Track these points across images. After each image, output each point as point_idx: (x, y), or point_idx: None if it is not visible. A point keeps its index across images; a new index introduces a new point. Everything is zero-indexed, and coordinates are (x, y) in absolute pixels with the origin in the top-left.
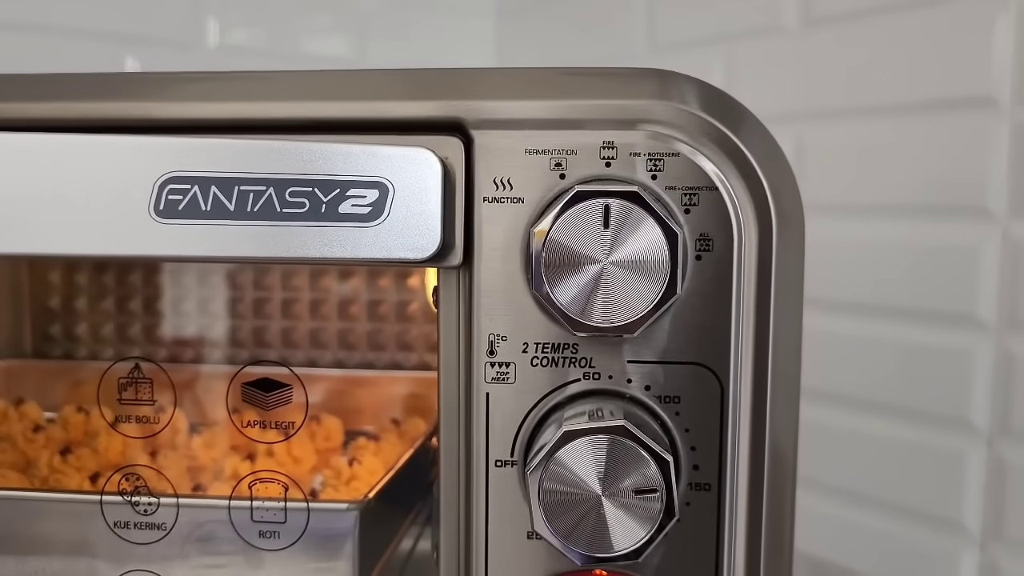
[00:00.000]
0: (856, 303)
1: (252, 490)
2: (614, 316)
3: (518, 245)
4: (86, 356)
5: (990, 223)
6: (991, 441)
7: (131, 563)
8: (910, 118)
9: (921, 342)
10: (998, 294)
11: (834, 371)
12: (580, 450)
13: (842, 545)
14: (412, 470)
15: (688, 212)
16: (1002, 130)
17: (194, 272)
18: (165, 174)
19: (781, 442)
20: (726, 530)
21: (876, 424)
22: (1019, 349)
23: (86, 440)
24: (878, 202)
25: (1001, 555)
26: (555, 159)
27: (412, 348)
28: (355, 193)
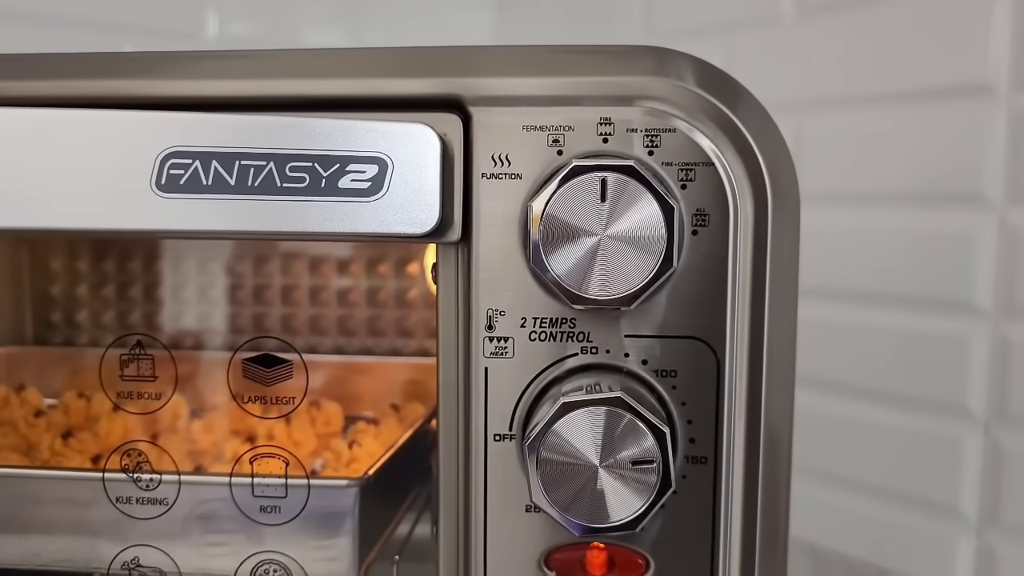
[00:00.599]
0: (853, 291)
1: (253, 465)
2: (611, 289)
3: (516, 221)
4: (86, 343)
5: (987, 210)
6: (988, 427)
7: (133, 539)
8: (907, 106)
9: (918, 329)
10: (995, 281)
11: (831, 359)
12: (578, 422)
13: (840, 532)
14: (411, 451)
15: (684, 188)
16: (999, 117)
17: (194, 259)
18: (167, 149)
19: (777, 415)
20: (722, 502)
21: (873, 411)
22: (1016, 335)
23: (87, 425)
24: (875, 190)
25: (997, 540)
26: (553, 135)
27: (411, 335)
28: (355, 168)
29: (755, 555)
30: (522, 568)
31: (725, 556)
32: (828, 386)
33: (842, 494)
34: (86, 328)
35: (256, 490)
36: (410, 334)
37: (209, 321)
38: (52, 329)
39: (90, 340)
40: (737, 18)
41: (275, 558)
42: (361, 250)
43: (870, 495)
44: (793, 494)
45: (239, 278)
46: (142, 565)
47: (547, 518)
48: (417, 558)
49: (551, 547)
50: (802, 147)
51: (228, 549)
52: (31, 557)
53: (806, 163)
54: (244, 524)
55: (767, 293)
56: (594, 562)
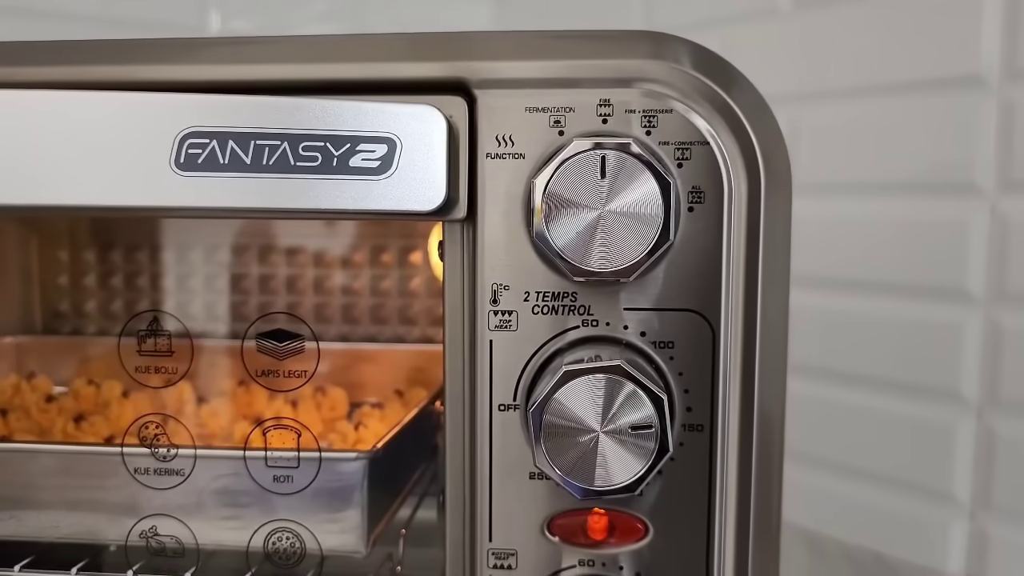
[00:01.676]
0: (848, 279)
1: (267, 437)
2: (611, 262)
3: (519, 198)
4: (95, 332)
5: (979, 199)
6: (980, 413)
7: (150, 509)
8: (901, 98)
9: (912, 316)
10: (987, 268)
11: (827, 346)
12: (579, 389)
13: (835, 517)
14: (417, 430)
15: (680, 166)
16: (990, 108)
17: (200, 249)
18: (185, 129)
19: (770, 384)
20: (718, 468)
21: (868, 398)
22: (1007, 321)
23: (98, 410)
24: (870, 180)
25: (990, 524)
26: (554, 116)
27: (415, 322)
28: (365, 148)
29: (750, 519)
30: (526, 533)
31: (721, 520)
32: (823, 373)
33: (837, 480)
34: (94, 317)
35: (269, 461)
36: (413, 322)
37: (215, 310)
38: (60, 319)
39: (98, 329)
40: (736, 12)
41: (288, 526)
42: (365, 240)
43: (865, 481)
44: (788, 481)
45: (245, 267)
46: (159, 534)
47: (550, 485)
48: (422, 543)
49: (554, 513)
50: (798, 138)
51: (242, 518)
52: (50, 530)
53: (802, 154)
54: (258, 496)
55: (760, 267)
56: (595, 527)
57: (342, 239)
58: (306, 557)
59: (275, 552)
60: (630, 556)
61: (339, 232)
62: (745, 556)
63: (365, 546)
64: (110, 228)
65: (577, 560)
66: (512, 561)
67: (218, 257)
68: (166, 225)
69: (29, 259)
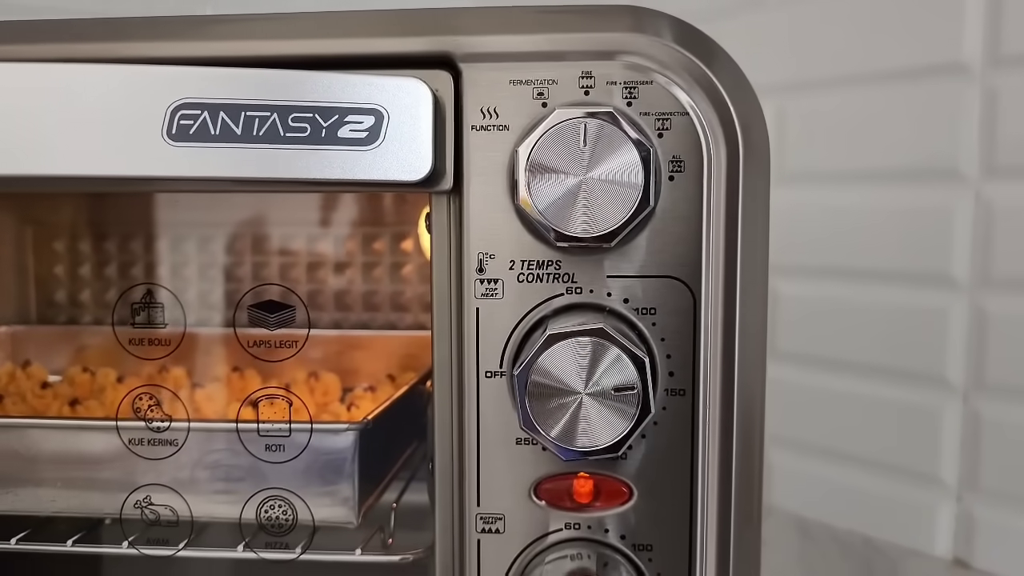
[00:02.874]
0: (833, 266)
1: (259, 407)
2: (593, 227)
3: (504, 169)
4: (89, 322)
5: (963, 185)
6: (966, 396)
7: (144, 479)
8: (885, 86)
9: (898, 302)
10: (971, 253)
11: (813, 333)
12: (564, 352)
13: (824, 503)
14: (409, 407)
15: (661, 136)
16: (973, 95)
17: (194, 239)
18: (177, 100)
19: (751, 348)
20: (700, 432)
21: (855, 384)
22: (992, 306)
23: (93, 395)
24: (855, 168)
25: (977, 506)
26: (538, 88)
27: (407, 309)
28: (352, 119)
29: (732, 480)
30: (513, 498)
31: (704, 482)
32: (810, 360)
33: (825, 465)
34: (89, 307)
35: (261, 431)
36: (406, 308)
37: (210, 298)
38: (55, 308)
39: (93, 319)
40: (722, 3)
41: (280, 495)
42: (358, 227)
43: (853, 466)
44: (777, 467)
45: (238, 256)
46: (154, 504)
47: (537, 450)
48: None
49: (540, 477)
50: (784, 128)
51: (235, 488)
52: (46, 504)
53: (788, 143)
54: (250, 464)
55: (740, 235)
56: (581, 491)
57: (334, 228)
58: (298, 527)
59: (268, 521)
60: (615, 519)
61: (331, 220)
62: (727, 516)
63: (356, 517)
64: (104, 218)
65: (563, 523)
66: (500, 525)
67: (212, 246)
68: (160, 215)
69: (24, 249)
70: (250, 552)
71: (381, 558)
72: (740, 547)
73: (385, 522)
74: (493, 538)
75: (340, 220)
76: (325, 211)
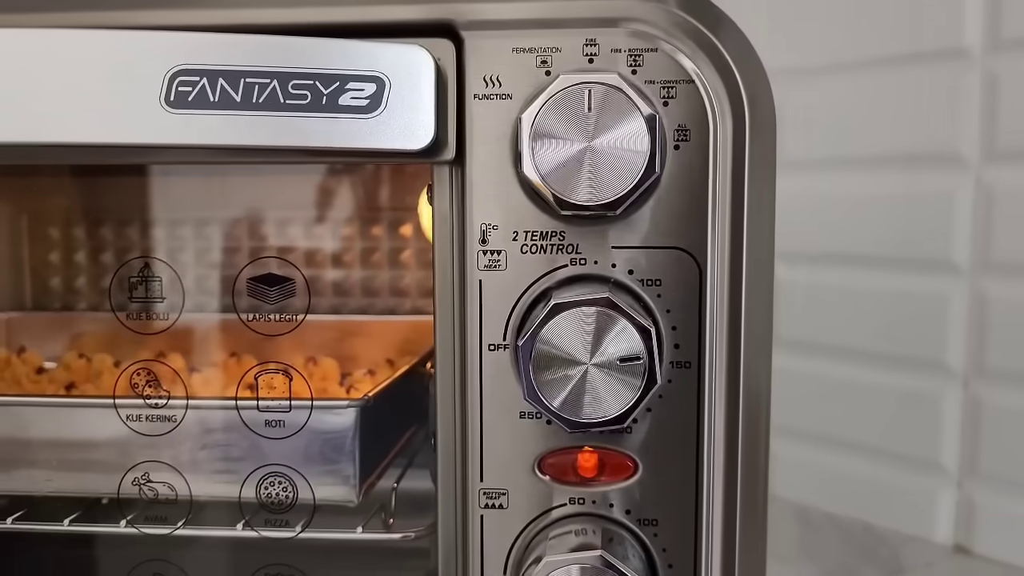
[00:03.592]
0: (834, 253)
1: (258, 381)
2: (598, 195)
3: (507, 138)
4: (85, 308)
5: (963, 170)
6: (967, 382)
7: (142, 456)
8: (886, 72)
9: (899, 289)
10: (972, 238)
11: (813, 320)
12: (568, 322)
13: (825, 490)
14: (409, 389)
15: (666, 104)
16: (974, 79)
17: (191, 224)
18: (175, 67)
19: (756, 319)
20: (706, 404)
21: (856, 371)
22: (992, 291)
23: (89, 380)
24: (855, 154)
25: (977, 491)
26: (541, 57)
27: (406, 295)
28: (354, 87)
29: (738, 453)
30: (517, 473)
31: (710, 456)
32: (811, 347)
33: (826, 453)
34: (84, 294)
35: (261, 407)
36: (405, 294)
37: (207, 283)
38: (50, 295)
39: (89, 306)
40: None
41: (280, 471)
42: (357, 211)
43: (854, 453)
44: (779, 455)
45: (235, 241)
46: (152, 481)
47: (540, 424)
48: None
49: (544, 452)
50: (784, 115)
51: (235, 466)
52: (42, 484)
53: (788, 130)
54: (250, 440)
55: (745, 205)
56: (585, 465)
57: (334, 211)
58: (298, 506)
59: (268, 499)
60: (620, 494)
61: (331, 204)
62: (734, 490)
63: (357, 495)
64: (100, 204)
65: (568, 498)
66: (503, 500)
67: (208, 231)
68: (156, 200)
69: (19, 236)
70: (250, 530)
71: (382, 536)
72: (746, 521)
73: (386, 503)
74: (496, 514)
75: (338, 204)
76: (323, 195)
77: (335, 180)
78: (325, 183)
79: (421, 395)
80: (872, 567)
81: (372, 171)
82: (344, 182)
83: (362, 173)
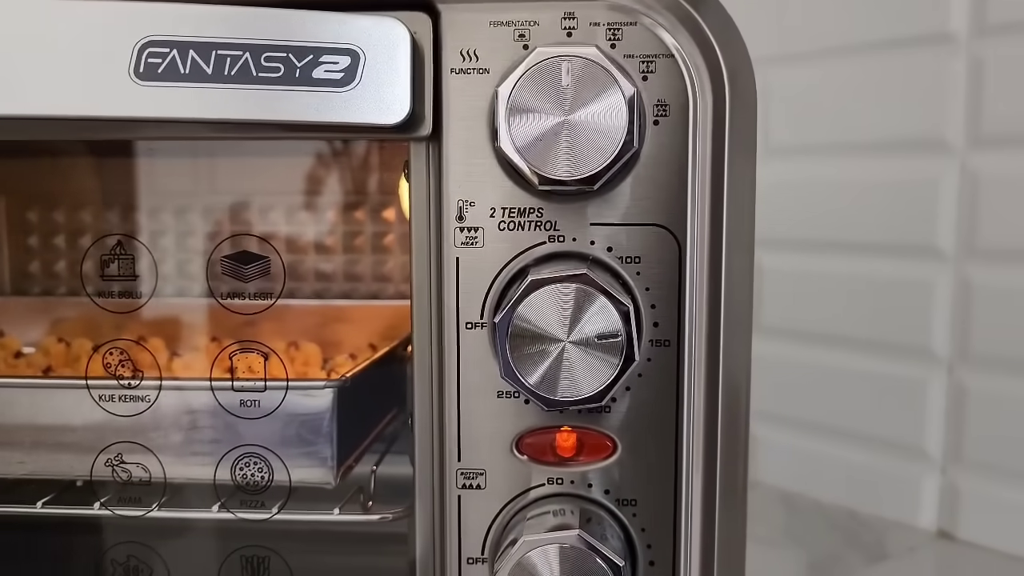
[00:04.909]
0: (817, 240)
1: (233, 361)
2: (576, 170)
3: (484, 113)
4: (65, 293)
5: (949, 156)
6: (951, 368)
7: (115, 436)
8: (871, 58)
9: (883, 274)
10: (956, 224)
11: (798, 307)
12: (546, 298)
13: (810, 477)
14: (389, 372)
15: (646, 79)
16: (959, 65)
17: (171, 209)
18: (145, 38)
19: (737, 298)
20: (686, 383)
21: (841, 357)
22: (977, 277)
23: (67, 364)
24: (840, 141)
25: (961, 477)
26: (519, 30)
27: (389, 279)
28: (328, 60)
29: (717, 433)
30: (495, 453)
31: (689, 435)
32: (795, 335)
33: (812, 440)
34: (64, 278)
35: (236, 387)
36: (387, 279)
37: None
38: (30, 279)
39: (68, 290)
40: None
41: (255, 451)
42: (339, 195)
43: (839, 440)
44: (763, 442)
45: (218, 226)
46: (125, 462)
47: (519, 403)
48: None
49: (522, 431)
50: (769, 103)
51: (210, 446)
52: (15, 467)
53: (773, 118)
54: (225, 420)
55: (725, 181)
56: (564, 445)
57: (316, 197)
58: (275, 488)
59: (243, 480)
60: (599, 473)
61: (313, 190)
62: (713, 470)
63: (334, 478)
64: (80, 188)
65: (546, 478)
66: (481, 481)
67: (189, 216)
68: (137, 184)
69: None
70: (225, 512)
71: (359, 518)
72: (726, 500)
73: (365, 486)
74: (474, 494)
75: (320, 188)
76: (305, 177)
77: (317, 163)
78: (307, 165)
79: (401, 378)
80: (856, 552)
81: (357, 154)
82: (327, 165)
83: (348, 156)
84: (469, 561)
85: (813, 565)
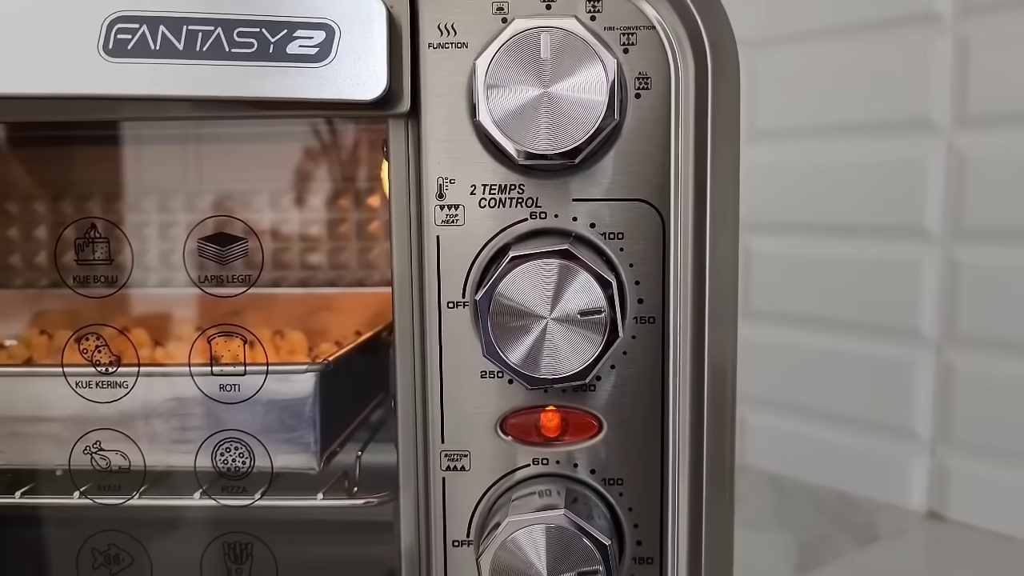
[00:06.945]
0: (804, 222)
1: (212, 345)
2: (556, 143)
3: (463, 88)
4: (47, 285)
5: (935, 135)
6: (939, 349)
7: (94, 424)
8: (856, 38)
9: (870, 256)
10: (944, 205)
11: (786, 291)
12: (527, 275)
13: (799, 459)
14: (373, 357)
15: (626, 52)
16: (945, 45)
17: (154, 198)
18: (114, 13)
19: (722, 273)
20: (671, 360)
21: (829, 339)
22: (965, 257)
23: (49, 356)
24: (827, 123)
25: (950, 457)
26: (497, 3)
27: (374, 266)
28: (302, 34)
29: (704, 411)
30: (479, 433)
31: (676, 413)
32: (784, 318)
33: (800, 422)
34: (46, 270)
35: (216, 372)
36: (373, 266)
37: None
38: (10, 272)
39: (50, 282)
40: None
41: (237, 436)
42: (323, 183)
43: (828, 422)
44: (750, 424)
45: (200, 214)
46: (104, 450)
47: (503, 383)
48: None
49: (507, 412)
50: (756, 85)
51: (191, 433)
52: None
53: (759, 101)
54: (206, 406)
55: (709, 154)
56: (548, 425)
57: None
58: (257, 474)
59: (225, 466)
60: (585, 453)
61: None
62: (700, 448)
63: (317, 463)
64: (61, 178)
65: (531, 459)
66: (465, 462)
67: (172, 204)
68: (119, 173)
69: None
70: (207, 498)
71: (343, 502)
72: (713, 480)
73: (350, 471)
74: (459, 476)
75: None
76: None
77: (301, 150)
78: (291, 152)
79: (385, 364)
80: (846, 534)
81: (342, 142)
82: (311, 152)
83: (334, 143)
84: (455, 544)
85: (803, 548)
